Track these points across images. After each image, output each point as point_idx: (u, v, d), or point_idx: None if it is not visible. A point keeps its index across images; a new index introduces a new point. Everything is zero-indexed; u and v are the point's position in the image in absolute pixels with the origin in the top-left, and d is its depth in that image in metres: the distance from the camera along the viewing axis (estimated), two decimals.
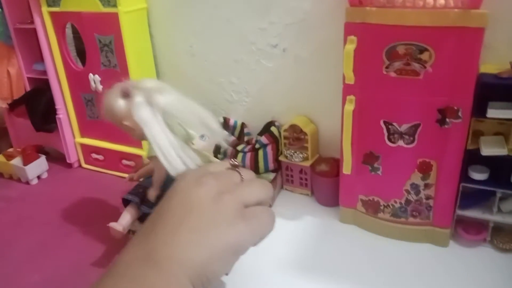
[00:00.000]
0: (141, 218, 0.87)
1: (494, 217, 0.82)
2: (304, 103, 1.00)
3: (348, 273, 0.81)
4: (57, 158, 1.31)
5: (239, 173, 0.37)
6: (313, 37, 0.93)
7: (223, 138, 0.77)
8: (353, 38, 0.74)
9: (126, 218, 0.85)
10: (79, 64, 1.20)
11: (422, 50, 0.70)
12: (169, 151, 0.69)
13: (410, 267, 0.82)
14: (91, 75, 1.12)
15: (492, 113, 0.73)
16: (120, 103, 0.73)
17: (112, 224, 0.83)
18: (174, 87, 1.18)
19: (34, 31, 1.14)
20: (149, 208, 0.85)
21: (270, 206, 0.76)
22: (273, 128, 1.01)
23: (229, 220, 0.32)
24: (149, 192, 0.84)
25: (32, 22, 1.13)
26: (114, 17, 1.01)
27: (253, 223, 0.34)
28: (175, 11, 1.07)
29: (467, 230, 0.85)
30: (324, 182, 0.97)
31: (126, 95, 0.72)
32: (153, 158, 0.73)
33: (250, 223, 0.33)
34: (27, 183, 1.23)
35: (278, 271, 0.81)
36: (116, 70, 1.08)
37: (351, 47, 0.74)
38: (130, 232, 0.90)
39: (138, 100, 0.70)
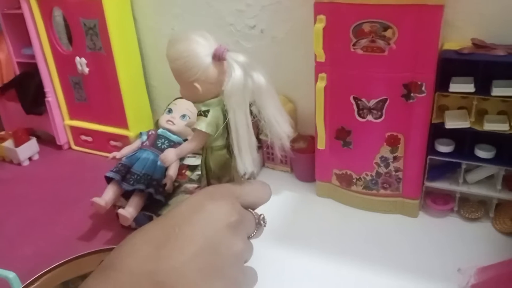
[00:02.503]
0: (124, 194, 0.91)
1: (460, 188, 0.86)
2: (282, 83, 1.04)
3: (323, 242, 0.85)
4: (47, 140, 1.35)
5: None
6: (288, 18, 0.96)
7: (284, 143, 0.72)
8: (322, 17, 0.78)
9: (108, 194, 0.89)
10: (71, 50, 1.23)
11: (385, 28, 0.74)
12: (246, 148, 0.60)
13: (382, 236, 0.86)
14: (77, 58, 1.16)
15: (454, 87, 0.76)
16: (207, 61, 0.68)
17: (95, 199, 0.87)
18: (158, 69, 1.23)
19: (22, 16, 1.16)
20: (129, 185, 0.89)
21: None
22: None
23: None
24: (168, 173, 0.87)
25: (19, 7, 1.16)
26: (98, 1, 1.03)
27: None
28: None
29: (436, 201, 0.89)
30: (302, 158, 1.01)
31: (220, 57, 0.68)
32: (198, 132, 0.71)
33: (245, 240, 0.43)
34: (19, 164, 1.26)
35: (257, 240, 0.85)
36: (102, 53, 1.12)
37: (320, 25, 0.77)
38: (116, 207, 0.94)
39: (238, 73, 0.66)
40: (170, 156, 0.70)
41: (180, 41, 0.66)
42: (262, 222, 0.47)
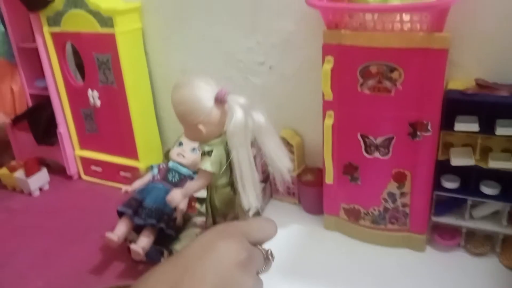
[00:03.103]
0: (135, 228, 0.93)
1: (466, 223, 0.87)
2: (290, 117, 1.06)
3: (330, 277, 0.86)
4: (58, 170, 1.37)
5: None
6: (297, 56, 0.99)
7: (285, 181, 0.69)
8: (330, 58, 0.80)
9: (121, 229, 0.91)
10: (78, 77, 1.26)
11: (392, 69, 0.76)
12: (249, 184, 0.64)
13: (389, 270, 0.87)
14: (89, 91, 1.19)
15: (459, 126, 0.78)
16: (209, 104, 0.65)
17: (108, 235, 0.89)
18: (168, 101, 1.25)
19: (36, 49, 1.20)
20: (140, 220, 0.91)
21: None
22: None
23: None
24: (178, 211, 0.91)
25: (34, 41, 1.20)
26: (111, 37, 1.07)
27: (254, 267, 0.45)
28: (169, 31, 1.14)
29: (442, 235, 0.90)
30: (310, 191, 1.03)
31: (221, 100, 0.65)
32: (203, 172, 0.68)
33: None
34: (30, 194, 1.28)
35: (265, 275, 0.86)
36: (113, 87, 1.14)
37: (328, 66, 0.80)
38: (127, 240, 0.96)
39: (239, 114, 0.63)
40: (176, 197, 0.72)
41: (183, 87, 0.69)
42: (270, 257, 0.49)
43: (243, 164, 0.65)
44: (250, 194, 0.65)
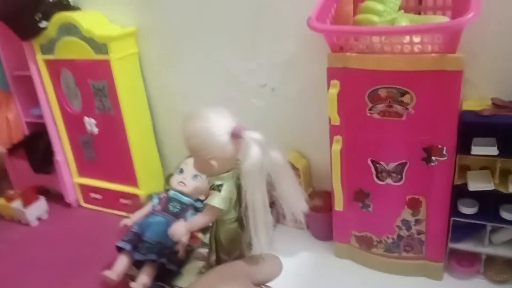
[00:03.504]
0: (136, 263, 0.89)
1: (485, 249, 0.82)
2: (295, 139, 1.02)
3: None
4: (57, 196, 1.33)
5: None
6: (300, 77, 0.95)
7: (298, 218, 0.68)
8: (335, 82, 0.76)
9: (120, 266, 0.86)
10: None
11: (403, 93, 0.72)
12: (262, 227, 0.61)
13: None
14: (86, 118, 1.15)
15: (476, 150, 0.74)
16: (224, 140, 0.62)
17: (107, 273, 0.84)
18: (168, 125, 1.21)
19: (31, 77, 1.16)
20: (141, 256, 0.86)
21: None
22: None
23: None
24: (180, 244, 0.87)
25: (28, 69, 1.16)
26: (106, 64, 1.03)
27: None
28: (166, 54, 1.10)
29: (460, 262, 0.85)
30: (318, 217, 0.98)
31: (237, 136, 0.63)
32: (211, 208, 0.65)
33: None
34: (28, 225, 1.24)
35: None
36: (111, 113, 1.11)
37: (334, 91, 0.75)
38: (128, 276, 0.91)
39: (256, 152, 0.60)
40: (179, 230, 0.66)
41: (197, 119, 0.65)
42: None
43: (257, 207, 0.61)
44: (262, 239, 0.62)
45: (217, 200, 0.66)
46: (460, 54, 0.68)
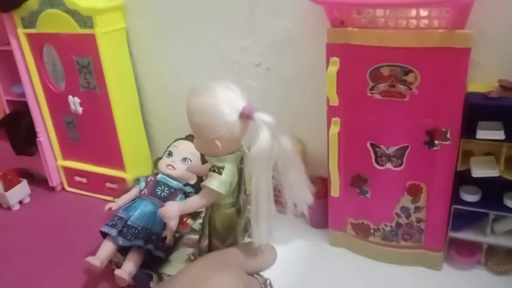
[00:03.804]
0: (121, 249, 0.84)
1: (487, 239, 0.79)
2: (290, 122, 0.96)
3: None
4: (40, 180, 1.27)
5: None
6: (297, 56, 0.90)
7: (302, 210, 0.64)
8: (335, 59, 0.72)
9: (104, 252, 0.81)
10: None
11: (407, 72, 0.68)
12: (264, 217, 0.57)
13: None
14: (70, 97, 1.09)
15: (481, 134, 0.70)
16: (232, 119, 0.56)
17: (89, 259, 0.79)
18: (157, 106, 1.16)
19: (11, 53, 1.10)
20: (126, 241, 0.82)
21: None
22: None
23: None
24: (168, 228, 0.83)
25: (8, 43, 1.10)
26: (91, 38, 0.97)
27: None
28: (156, 30, 1.04)
29: (460, 252, 0.82)
30: (314, 204, 0.93)
31: (247, 117, 0.57)
32: (209, 190, 0.59)
33: None
34: (9, 209, 1.19)
35: None
36: (96, 92, 1.05)
37: (333, 69, 0.71)
38: (112, 263, 0.87)
39: (266, 136, 0.55)
40: (172, 211, 0.59)
41: (204, 94, 0.57)
42: (268, 287, 0.47)
43: (261, 195, 0.56)
44: (263, 229, 0.57)
45: (216, 183, 0.60)
46: (469, 30, 0.64)
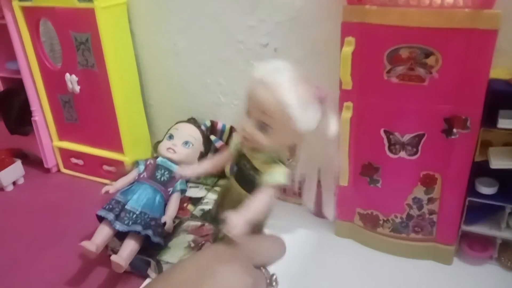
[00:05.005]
0: (118, 234, 0.80)
1: (502, 233, 0.76)
2: None
3: None
4: (35, 162, 1.23)
5: None
6: (307, 36, 0.85)
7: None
8: (351, 39, 0.67)
9: (100, 237, 0.78)
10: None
11: (427, 54, 0.64)
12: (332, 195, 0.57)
13: (411, 285, 0.76)
14: (67, 75, 1.04)
15: (503, 123, 0.66)
16: (314, 106, 0.50)
17: (84, 244, 0.75)
18: (157, 87, 1.12)
19: (6, 27, 1.05)
20: (123, 226, 0.78)
21: None
22: None
23: None
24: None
25: (3, 17, 1.05)
26: (90, 13, 0.92)
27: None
28: (158, 6, 0.99)
29: (473, 246, 0.79)
30: (319, 192, 0.90)
31: (323, 100, 0.50)
32: (277, 185, 0.53)
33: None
34: (2, 189, 1.15)
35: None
36: (94, 70, 1.00)
37: (348, 49, 0.66)
38: (109, 248, 0.83)
39: (335, 122, 0.51)
40: (239, 226, 0.47)
41: (298, 83, 0.48)
42: (273, 283, 0.44)
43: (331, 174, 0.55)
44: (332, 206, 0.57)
45: (283, 176, 0.52)
46: (497, 10, 0.59)
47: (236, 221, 0.46)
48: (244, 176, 0.55)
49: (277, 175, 0.52)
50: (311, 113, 0.49)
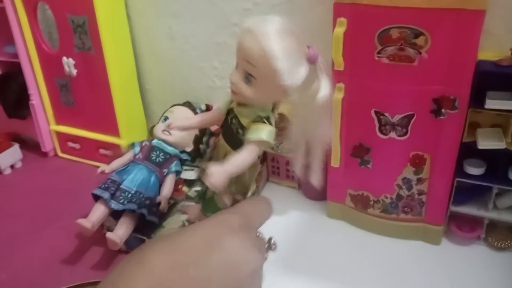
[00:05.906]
0: (113, 213, 0.81)
1: (489, 214, 0.77)
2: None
3: (335, 271, 0.76)
4: (33, 146, 1.24)
5: None
6: (302, 19, 0.86)
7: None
8: (342, 20, 0.68)
9: (95, 214, 0.79)
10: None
11: (417, 34, 0.65)
12: (320, 161, 0.54)
13: (401, 265, 0.77)
14: (64, 58, 1.05)
15: (490, 103, 0.68)
16: (302, 63, 0.47)
17: (80, 221, 0.77)
18: (153, 72, 1.13)
19: (4, 10, 1.06)
20: (119, 205, 0.79)
21: None
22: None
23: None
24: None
25: (1, 0, 1.05)
26: None
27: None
28: None
29: (461, 227, 0.80)
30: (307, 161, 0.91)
31: (313, 60, 0.48)
32: (258, 143, 0.52)
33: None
34: (0, 173, 1.16)
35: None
36: (91, 53, 1.01)
37: (340, 30, 0.67)
38: (104, 227, 0.85)
39: (328, 85, 0.49)
40: (218, 179, 0.48)
41: (287, 35, 0.46)
42: (273, 246, 0.43)
43: (318, 144, 0.52)
44: (319, 172, 0.54)
45: (266, 133, 0.51)
46: None
47: (215, 170, 0.47)
48: (231, 134, 0.54)
49: (261, 132, 0.51)
50: (296, 68, 0.46)
